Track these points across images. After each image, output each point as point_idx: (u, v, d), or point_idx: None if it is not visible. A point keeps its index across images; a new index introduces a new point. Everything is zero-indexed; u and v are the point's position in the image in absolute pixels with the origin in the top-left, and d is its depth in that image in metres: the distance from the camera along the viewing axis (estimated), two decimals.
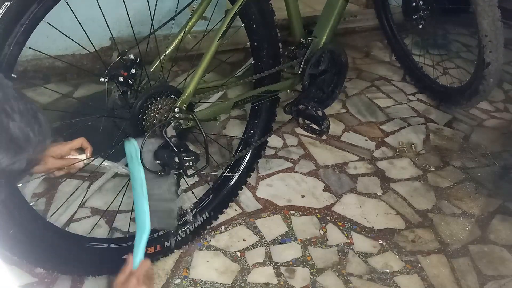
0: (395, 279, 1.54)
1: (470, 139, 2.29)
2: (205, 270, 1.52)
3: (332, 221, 1.75)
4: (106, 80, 1.20)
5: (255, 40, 1.57)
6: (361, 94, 2.56)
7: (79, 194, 1.68)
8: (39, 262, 1.26)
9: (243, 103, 1.54)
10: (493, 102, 2.59)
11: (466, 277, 1.58)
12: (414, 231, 1.74)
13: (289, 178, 1.93)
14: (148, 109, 1.23)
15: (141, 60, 1.23)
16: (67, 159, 1.12)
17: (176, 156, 1.17)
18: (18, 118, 0.64)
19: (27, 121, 0.66)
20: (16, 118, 0.64)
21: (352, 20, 3.25)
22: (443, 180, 2.00)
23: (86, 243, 1.34)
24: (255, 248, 1.61)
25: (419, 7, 2.25)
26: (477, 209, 1.86)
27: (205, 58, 1.35)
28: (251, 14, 1.49)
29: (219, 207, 1.66)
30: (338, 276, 1.53)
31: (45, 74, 2.34)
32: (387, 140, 2.22)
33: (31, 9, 1.01)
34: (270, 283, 1.49)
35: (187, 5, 1.57)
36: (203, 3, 1.46)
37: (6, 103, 0.64)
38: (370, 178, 1.97)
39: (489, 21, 1.97)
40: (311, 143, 2.14)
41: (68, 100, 2.19)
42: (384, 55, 3.01)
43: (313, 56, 1.71)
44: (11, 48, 1.01)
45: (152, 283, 1.10)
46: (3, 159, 0.62)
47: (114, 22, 2.14)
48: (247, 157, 1.72)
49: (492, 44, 2.01)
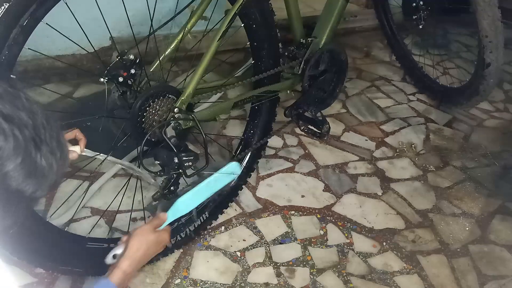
0: (395, 279, 1.54)
1: (470, 139, 2.29)
2: (205, 270, 1.52)
3: (332, 221, 1.75)
4: (105, 80, 1.20)
5: (254, 40, 1.57)
6: (361, 94, 2.56)
7: (80, 195, 1.68)
8: (39, 262, 1.26)
9: (243, 103, 1.54)
10: (493, 102, 2.59)
11: (466, 277, 1.58)
12: (414, 231, 1.74)
13: (289, 178, 1.93)
14: (148, 109, 1.23)
15: (140, 61, 1.23)
16: None
17: (175, 156, 1.17)
18: (45, 148, 0.65)
19: (52, 150, 0.66)
20: (43, 148, 0.64)
21: (352, 20, 3.25)
22: (443, 180, 2.00)
23: (86, 243, 1.34)
24: (255, 248, 1.61)
25: (419, 7, 2.25)
26: (477, 209, 1.86)
27: (204, 58, 1.35)
28: (251, 14, 1.49)
29: (219, 207, 1.66)
30: (338, 276, 1.53)
31: (45, 74, 2.34)
32: (387, 140, 2.22)
33: (30, 10, 1.00)
34: (270, 283, 1.49)
35: (187, 5, 1.57)
36: (203, 3, 1.45)
37: (36, 132, 0.64)
38: (370, 178, 1.97)
39: (489, 22, 1.97)
40: (311, 143, 2.14)
41: (68, 100, 2.19)
42: (384, 55, 3.01)
43: (313, 56, 1.71)
44: (10, 49, 1.00)
45: (167, 235, 1.12)
46: (28, 187, 0.63)
47: (115, 22, 2.12)
48: (247, 157, 1.72)
49: (492, 44, 2.01)
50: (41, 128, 0.65)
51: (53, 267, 1.30)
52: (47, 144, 0.65)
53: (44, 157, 0.64)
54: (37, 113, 0.66)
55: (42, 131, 0.65)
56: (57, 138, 0.68)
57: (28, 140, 0.62)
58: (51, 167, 0.66)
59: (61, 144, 0.69)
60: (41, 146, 0.64)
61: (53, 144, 0.67)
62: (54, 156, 0.66)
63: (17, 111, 0.62)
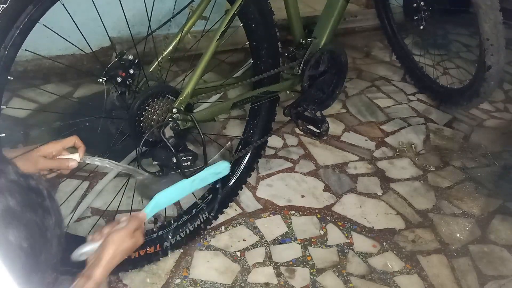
0: (395, 279, 1.54)
1: (470, 139, 2.28)
2: (205, 270, 1.51)
3: (332, 221, 1.74)
4: (104, 81, 1.20)
5: (254, 40, 1.57)
6: (361, 94, 2.56)
7: (83, 196, 1.68)
8: None
9: (242, 104, 1.54)
10: (493, 102, 2.59)
11: (466, 277, 1.57)
12: (414, 231, 1.74)
13: (289, 178, 1.93)
14: (146, 109, 1.23)
15: (139, 61, 1.23)
16: (59, 160, 1.04)
17: (173, 156, 1.17)
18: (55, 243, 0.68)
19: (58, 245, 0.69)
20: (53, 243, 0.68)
21: (352, 20, 3.25)
22: (443, 180, 1.99)
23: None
24: (255, 248, 1.61)
25: (420, 7, 2.24)
26: (477, 209, 1.86)
27: (203, 59, 1.35)
28: (250, 13, 1.49)
29: (219, 207, 1.66)
30: (338, 276, 1.53)
31: (45, 74, 2.34)
32: (387, 140, 2.22)
33: (27, 11, 1.00)
34: (270, 283, 1.49)
35: (187, 5, 1.57)
36: (202, 3, 1.46)
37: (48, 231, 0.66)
38: (370, 178, 1.97)
39: (491, 24, 1.96)
40: (311, 143, 2.14)
41: (68, 100, 2.20)
42: (384, 55, 3.00)
43: (313, 56, 1.71)
44: (7, 51, 1.00)
45: (142, 237, 1.03)
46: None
47: (115, 22, 2.14)
48: (246, 156, 1.71)
49: (494, 47, 2.00)
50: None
51: (52, 268, 1.30)
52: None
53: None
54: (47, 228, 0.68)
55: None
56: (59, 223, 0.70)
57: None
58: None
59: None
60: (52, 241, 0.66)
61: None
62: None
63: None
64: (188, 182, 1.16)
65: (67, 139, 1.06)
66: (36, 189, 0.68)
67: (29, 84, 2.25)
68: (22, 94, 2.20)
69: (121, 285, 1.43)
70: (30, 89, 2.23)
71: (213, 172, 1.22)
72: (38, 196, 0.68)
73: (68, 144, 1.06)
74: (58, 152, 1.04)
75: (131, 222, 1.00)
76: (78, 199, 1.69)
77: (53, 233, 0.67)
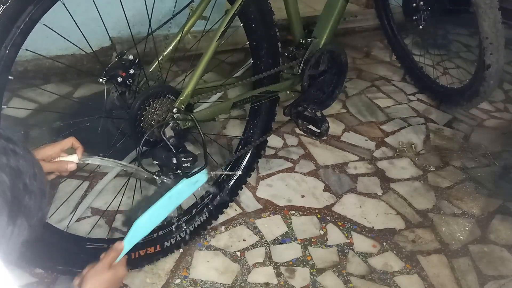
0: (395, 279, 1.54)
1: (470, 139, 2.28)
2: (205, 270, 1.51)
3: (332, 221, 1.74)
4: (104, 81, 1.20)
5: (254, 40, 1.57)
6: (361, 94, 2.56)
7: (83, 196, 1.68)
8: (38, 263, 1.26)
9: (243, 104, 1.54)
10: (493, 102, 2.59)
11: (466, 277, 1.57)
12: (414, 231, 1.74)
13: (289, 178, 1.93)
14: (147, 109, 1.23)
15: (139, 61, 1.23)
16: (58, 162, 1.02)
17: (173, 156, 1.17)
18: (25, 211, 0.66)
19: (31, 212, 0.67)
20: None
21: (352, 20, 3.25)
22: (443, 180, 2.00)
23: (86, 244, 1.34)
24: (255, 248, 1.61)
25: (420, 7, 2.25)
26: (477, 209, 1.86)
27: (203, 58, 1.35)
28: (250, 13, 1.49)
29: (218, 207, 1.66)
30: (338, 276, 1.53)
31: (45, 74, 2.34)
32: (387, 140, 2.22)
33: (27, 11, 1.00)
34: (270, 283, 1.49)
35: (187, 5, 1.57)
36: (202, 3, 1.46)
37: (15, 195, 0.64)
38: (370, 178, 1.97)
39: (490, 24, 1.97)
40: (311, 143, 2.14)
41: (68, 100, 2.20)
42: (384, 55, 3.00)
43: (313, 56, 1.71)
44: (8, 50, 1.00)
45: (123, 268, 1.04)
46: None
47: (115, 22, 2.14)
48: (246, 156, 1.71)
49: (493, 46, 2.01)
50: (22, 191, 0.65)
51: (52, 268, 1.30)
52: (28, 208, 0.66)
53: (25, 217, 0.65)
54: (22, 173, 0.65)
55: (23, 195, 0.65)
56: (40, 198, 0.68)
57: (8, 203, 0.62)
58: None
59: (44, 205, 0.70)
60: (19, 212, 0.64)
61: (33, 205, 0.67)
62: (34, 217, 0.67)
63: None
64: (165, 199, 1.13)
65: (65, 141, 1.04)
66: (10, 139, 0.68)
67: (29, 84, 2.25)
68: (22, 94, 2.20)
69: (121, 285, 1.43)
70: (30, 89, 2.22)
71: (189, 183, 1.19)
72: (10, 143, 0.67)
73: (66, 145, 1.04)
74: (56, 154, 1.02)
75: (107, 255, 1.02)
76: (78, 199, 1.69)
77: (33, 182, 0.66)
